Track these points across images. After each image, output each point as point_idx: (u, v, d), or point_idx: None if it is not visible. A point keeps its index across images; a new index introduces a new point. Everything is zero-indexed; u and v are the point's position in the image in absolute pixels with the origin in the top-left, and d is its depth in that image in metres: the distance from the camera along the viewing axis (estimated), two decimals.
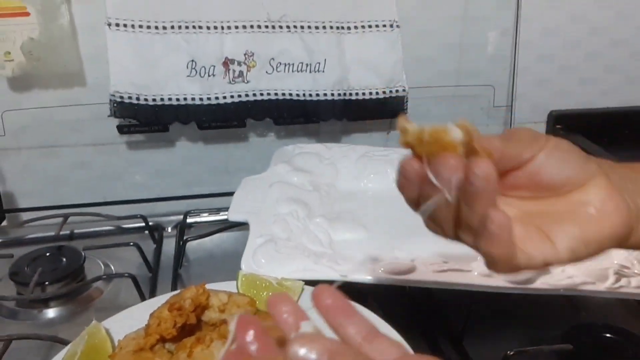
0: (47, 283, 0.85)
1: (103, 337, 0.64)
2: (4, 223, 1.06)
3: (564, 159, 0.46)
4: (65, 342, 0.67)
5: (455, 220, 0.44)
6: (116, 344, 0.64)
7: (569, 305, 0.77)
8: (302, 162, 1.00)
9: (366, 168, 1.01)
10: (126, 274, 0.84)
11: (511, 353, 0.68)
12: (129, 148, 1.11)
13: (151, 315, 0.63)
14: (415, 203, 0.45)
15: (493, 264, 0.43)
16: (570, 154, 0.46)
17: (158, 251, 0.96)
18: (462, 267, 0.75)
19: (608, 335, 0.72)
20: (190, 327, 0.63)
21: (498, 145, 0.44)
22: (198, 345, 0.57)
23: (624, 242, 0.45)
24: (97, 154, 1.11)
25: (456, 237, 0.46)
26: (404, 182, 0.45)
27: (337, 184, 0.99)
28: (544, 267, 0.44)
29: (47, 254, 0.91)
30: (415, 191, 0.44)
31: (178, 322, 0.61)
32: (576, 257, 0.43)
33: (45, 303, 0.84)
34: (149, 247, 0.96)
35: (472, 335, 0.74)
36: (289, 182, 0.95)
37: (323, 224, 0.88)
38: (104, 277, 0.87)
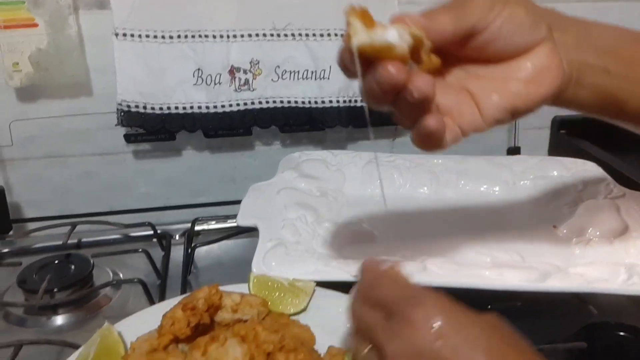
0: (55, 290, 0.84)
1: (115, 339, 0.63)
2: (11, 233, 1.05)
3: (516, 30, 0.48)
4: (75, 346, 0.67)
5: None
6: (128, 346, 0.63)
7: (582, 304, 0.76)
8: (309, 169, 1.00)
9: (373, 174, 1.01)
10: (135, 280, 0.84)
11: None
12: (136, 158, 1.12)
13: (164, 316, 0.62)
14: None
15: (422, 149, 0.50)
16: (523, 23, 0.48)
17: (166, 259, 0.96)
18: (473, 268, 0.75)
19: (621, 333, 0.72)
20: (204, 327, 0.62)
21: (448, 26, 0.46)
22: (212, 343, 0.56)
23: (551, 103, 0.51)
24: (104, 164, 1.11)
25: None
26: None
27: (344, 190, 1.00)
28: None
29: (56, 262, 0.91)
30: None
31: (192, 322, 0.60)
32: (500, 124, 0.50)
33: (54, 310, 0.83)
34: (157, 254, 0.96)
35: None
36: (297, 188, 0.96)
37: (331, 228, 0.88)
38: (114, 282, 0.87)
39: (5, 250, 1.00)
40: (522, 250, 0.82)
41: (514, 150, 1.18)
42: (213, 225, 1.05)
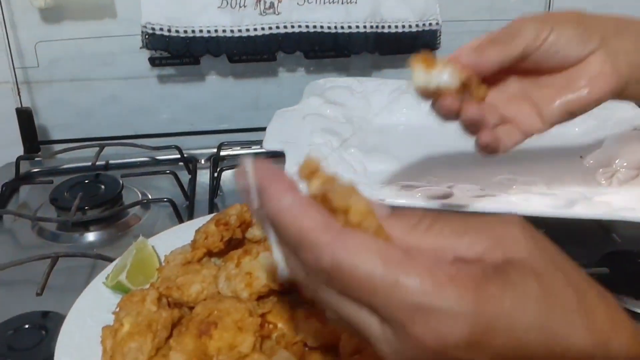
0: (87, 208, 0.87)
1: (150, 252, 0.65)
2: (39, 155, 1.07)
3: (565, 46, 0.52)
4: (110, 260, 0.69)
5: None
6: (162, 259, 0.65)
7: (605, 233, 0.77)
8: (335, 96, 1.00)
9: (399, 102, 1.01)
10: (165, 199, 0.85)
11: None
12: (161, 82, 1.12)
13: (197, 231, 0.64)
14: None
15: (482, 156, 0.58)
16: (571, 40, 0.53)
17: (193, 182, 0.97)
18: (499, 193, 0.76)
19: None
20: (236, 243, 0.64)
21: (496, 59, 0.53)
22: (245, 256, 0.58)
23: (613, 99, 0.55)
24: (128, 88, 1.11)
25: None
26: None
27: (370, 118, 0.99)
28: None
29: (86, 182, 0.93)
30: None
31: (224, 237, 0.62)
32: (559, 124, 0.57)
33: (86, 227, 0.86)
34: (183, 178, 0.97)
35: None
36: (322, 114, 0.95)
37: (357, 154, 0.88)
38: (144, 201, 0.89)
39: (36, 170, 1.02)
40: (548, 179, 0.82)
41: None
42: (238, 150, 1.06)
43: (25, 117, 1.05)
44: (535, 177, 0.83)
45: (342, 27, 1.04)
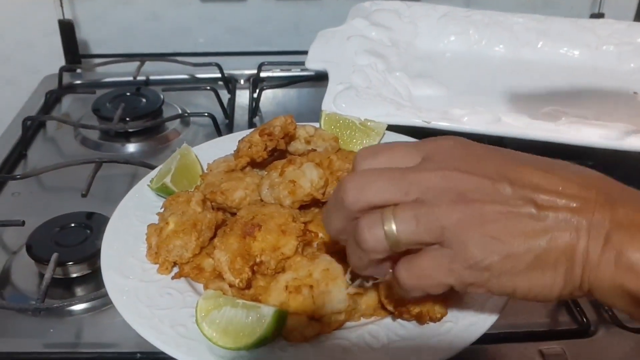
0: (128, 119, 0.87)
1: (193, 159, 0.65)
2: (79, 71, 1.07)
3: None
4: (152, 167, 0.69)
5: None
6: (205, 167, 0.66)
7: None
8: (381, 18, 0.97)
9: (447, 28, 0.97)
10: (205, 113, 0.85)
11: None
12: (202, 1, 1.09)
13: (241, 140, 0.64)
14: None
15: None
16: None
17: (232, 101, 0.96)
18: (548, 124, 0.73)
19: None
20: (279, 154, 0.64)
21: None
22: (290, 165, 0.57)
23: None
24: (169, 6, 1.10)
25: None
26: None
27: (416, 43, 0.96)
28: None
29: (127, 94, 0.93)
30: None
31: (268, 146, 0.61)
32: None
33: (127, 138, 0.87)
34: (223, 97, 0.96)
35: None
36: (367, 36, 0.92)
37: (403, 78, 0.86)
38: (185, 114, 0.88)
39: (78, 81, 1.03)
40: (599, 113, 0.79)
41: (597, 17, 1.10)
42: (278, 73, 1.04)
43: (67, 29, 1.05)
44: (585, 110, 0.80)
45: None
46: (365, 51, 0.88)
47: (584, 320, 0.58)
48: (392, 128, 0.72)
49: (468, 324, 0.47)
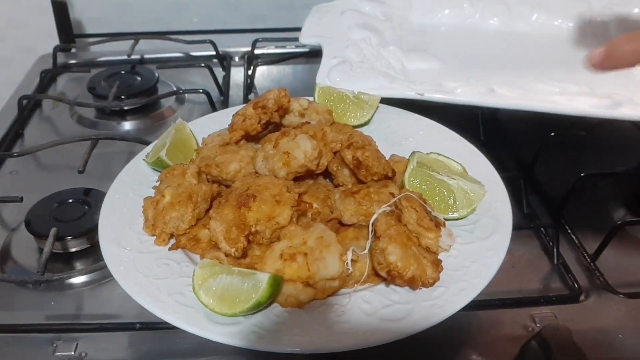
0: (123, 97, 0.87)
1: (188, 134, 0.66)
2: (74, 51, 1.07)
3: None
4: (147, 143, 0.70)
5: None
6: (200, 141, 0.66)
7: None
8: None
9: (441, 2, 0.97)
10: (200, 90, 0.85)
11: (584, 174, 0.67)
12: None
13: (235, 114, 0.64)
14: None
15: None
16: None
17: (227, 78, 0.96)
18: (542, 94, 0.74)
19: None
20: (273, 127, 0.64)
21: None
22: (283, 137, 0.58)
23: None
24: None
25: None
26: None
27: (410, 17, 0.96)
28: None
29: (122, 72, 0.93)
30: None
31: (262, 119, 0.62)
32: None
33: (123, 116, 0.87)
34: (218, 74, 0.96)
35: (544, 162, 0.74)
36: (361, 10, 0.92)
37: (396, 52, 0.86)
38: (180, 91, 0.89)
39: (72, 61, 1.03)
40: (594, 84, 0.79)
41: None
42: (272, 50, 1.04)
43: (60, 8, 1.04)
44: (581, 81, 0.80)
45: None
46: (359, 25, 0.88)
47: (576, 285, 0.59)
48: (385, 101, 0.72)
49: (460, 289, 0.48)
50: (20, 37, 1.11)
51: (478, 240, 0.53)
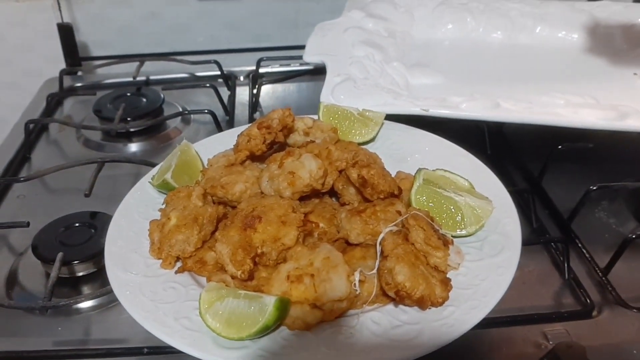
0: (129, 119, 0.87)
1: (193, 155, 0.66)
2: (80, 73, 1.08)
3: None
4: (154, 165, 0.70)
5: None
6: (205, 162, 0.66)
7: None
8: (377, 10, 0.96)
9: (443, 16, 0.97)
10: (205, 110, 0.85)
11: (594, 188, 0.67)
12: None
13: (239, 135, 0.64)
14: None
15: None
16: None
17: (232, 97, 0.97)
18: (547, 107, 0.73)
19: None
20: (278, 147, 0.64)
21: None
22: (288, 157, 0.58)
23: None
24: (167, 4, 1.10)
25: None
26: None
27: (413, 32, 0.96)
28: None
29: (128, 94, 0.93)
30: None
31: (267, 139, 0.62)
32: None
33: (129, 138, 0.87)
34: (223, 94, 0.96)
35: (551, 175, 0.74)
36: (364, 27, 0.92)
37: (400, 68, 0.86)
38: (186, 112, 0.89)
39: (79, 84, 1.03)
40: (599, 95, 0.78)
41: None
42: (277, 68, 1.04)
43: (66, 32, 1.05)
44: (586, 92, 0.80)
45: None
46: (362, 42, 0.88)
47: (588, 300, 0.58)
48: (390, 117, 0.72)
49: (470, 308, 0.47)
50: (27, 60, 1.12)
51: (487, 258, 0.52)
